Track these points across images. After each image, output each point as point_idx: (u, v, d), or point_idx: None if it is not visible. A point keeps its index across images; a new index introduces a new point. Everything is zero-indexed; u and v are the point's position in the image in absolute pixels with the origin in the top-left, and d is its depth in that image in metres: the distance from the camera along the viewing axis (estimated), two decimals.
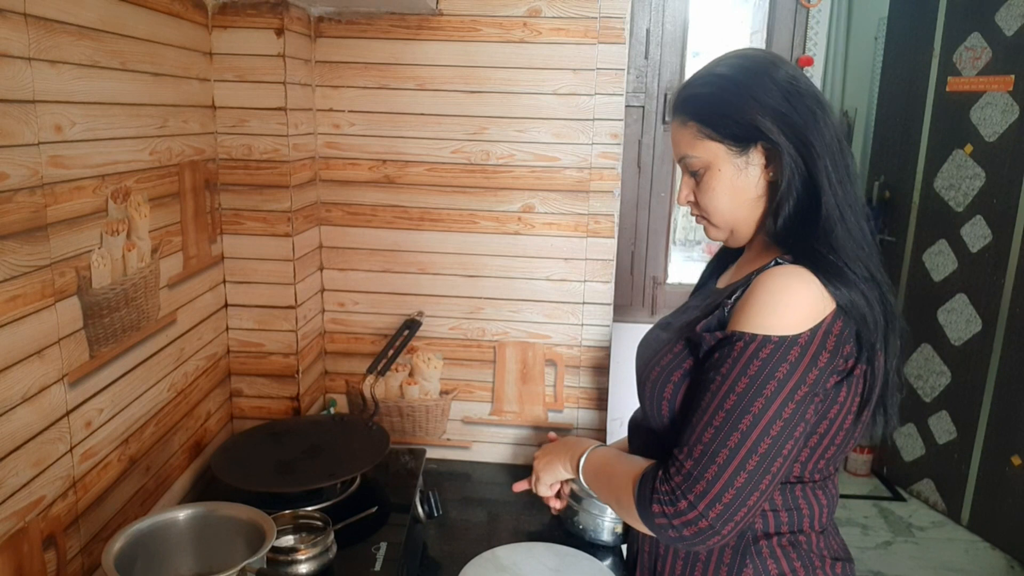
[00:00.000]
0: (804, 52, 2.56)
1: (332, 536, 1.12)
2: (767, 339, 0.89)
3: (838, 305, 0.90)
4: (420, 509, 1.32)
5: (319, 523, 1.15)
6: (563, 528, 1.34)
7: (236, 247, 1.44)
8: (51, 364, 0.93)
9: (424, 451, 1.54)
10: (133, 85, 1.08)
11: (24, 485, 0.89)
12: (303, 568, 1.07)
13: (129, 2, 1.06)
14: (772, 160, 0.97)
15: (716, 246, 1.17)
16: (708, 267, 1.22)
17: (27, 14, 0.85)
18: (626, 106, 1.68)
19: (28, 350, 0.88)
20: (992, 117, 2.88)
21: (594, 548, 1.29)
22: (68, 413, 0.97)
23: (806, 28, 2.52)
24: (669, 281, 2.49)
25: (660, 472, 0.93)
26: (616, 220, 1.57)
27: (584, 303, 1.60)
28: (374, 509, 1.24)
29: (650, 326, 1.17)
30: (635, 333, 2.45)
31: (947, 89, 3.07)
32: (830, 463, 0.99)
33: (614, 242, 1.58)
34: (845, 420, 0.95)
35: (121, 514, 1.11)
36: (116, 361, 1.08)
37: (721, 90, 0.98)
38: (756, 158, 0.98)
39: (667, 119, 1.06)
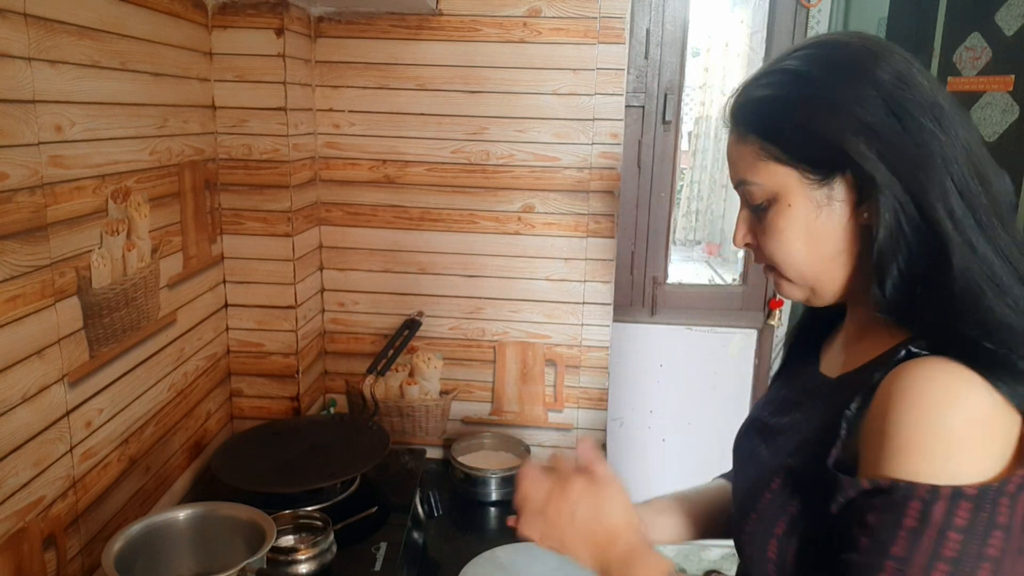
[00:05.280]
0: None
1: (332, 536, 1.12)
2: (958, 494, 0.57)
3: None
4: (420, 509, 1.32)
5: (319, 523, 1.15)
6: None
7: (236, 247, 1.44)
8: (51, 364, 0.93)
9: (424, 451, 1.54)
10: (133, 85, 1.08)
11: (24, 485, 0.89)
12: (303, 568, 1.07)
13: (129, 2, 1.06)
14: (866, 197, 0.67)
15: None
16: (798, 330, 0.89)
17: (27, 14, 0.85)
18: (626, 106, 1.68)
19: (28, 350, 0.88)
20: (992, 117, 2.88)
21: None
22: (68, 413, 0.97)
23: (806, 28, 2.52)
24: (669, 281, 2.49)
25: None
26: (616, 220, 1.57)
27: (584, 303, 1.60)
28: (374, 509, 1.24)
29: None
30: (635, 333, 2.46)
31: (947, 89, 3.07)
32: None
33: (614, 242, 1.58)
34: None
35: (121, 514, 1.11)
36: (116, 361, 1.08)
37: (795, 93, 0.70)
38: (842, 192, 0.69)
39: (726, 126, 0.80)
